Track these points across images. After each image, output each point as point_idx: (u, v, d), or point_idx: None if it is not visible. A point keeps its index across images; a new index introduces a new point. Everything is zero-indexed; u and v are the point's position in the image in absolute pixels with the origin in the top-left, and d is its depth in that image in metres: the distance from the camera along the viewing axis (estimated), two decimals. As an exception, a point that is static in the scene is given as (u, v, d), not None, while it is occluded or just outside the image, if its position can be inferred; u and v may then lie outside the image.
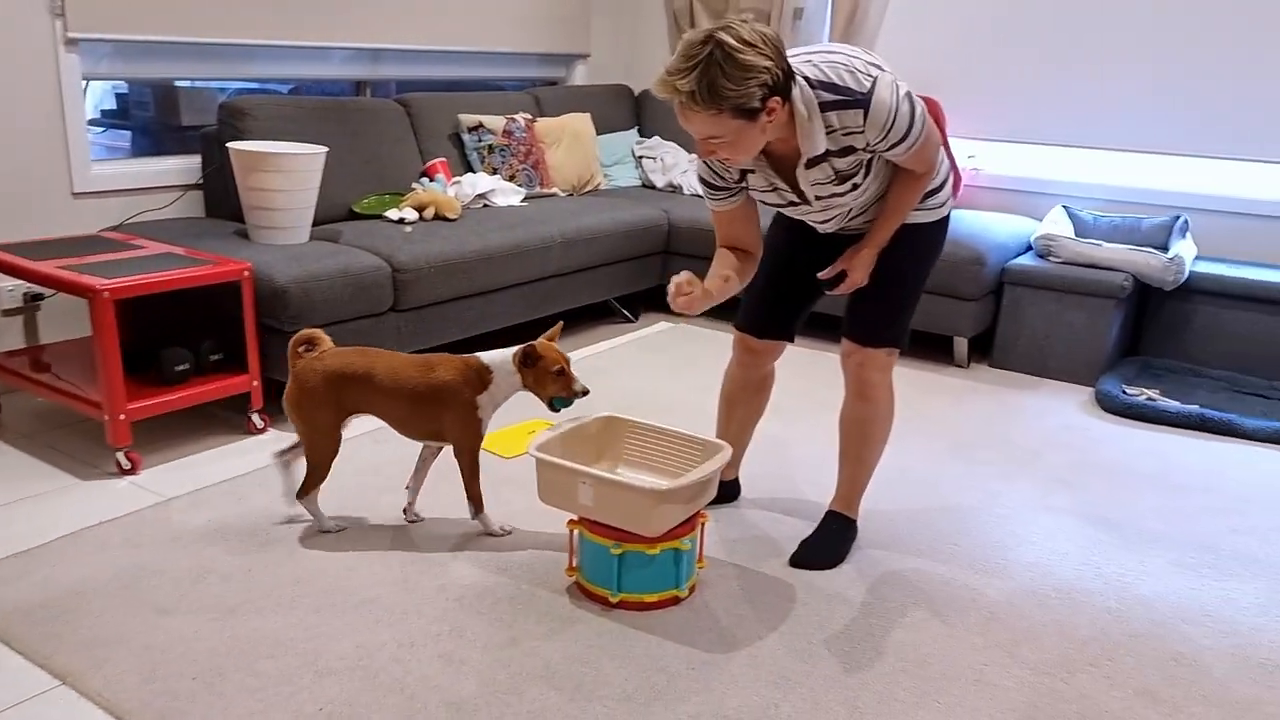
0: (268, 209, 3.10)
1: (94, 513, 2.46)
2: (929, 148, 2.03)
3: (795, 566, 2.35)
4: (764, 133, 1.88)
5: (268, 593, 2.13)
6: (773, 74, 1.79)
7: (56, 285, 2.66)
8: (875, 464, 2.41)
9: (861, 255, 2.17)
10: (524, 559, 2.33)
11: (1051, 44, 4.25)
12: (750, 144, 1.89)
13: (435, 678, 1.88)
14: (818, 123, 1.92)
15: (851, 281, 2.19)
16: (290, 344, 2.34)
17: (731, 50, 1.75)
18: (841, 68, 1.92)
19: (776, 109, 1.84)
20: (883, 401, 2.32)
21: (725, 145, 1.88)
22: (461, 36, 4.50)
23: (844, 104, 1.91)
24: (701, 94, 1.77)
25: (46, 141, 3.19)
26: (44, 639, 1.94)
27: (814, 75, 1.91)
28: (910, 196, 2.10)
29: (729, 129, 1.83)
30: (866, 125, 1.91)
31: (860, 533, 2.49)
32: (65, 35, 3.17)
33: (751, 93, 1.77)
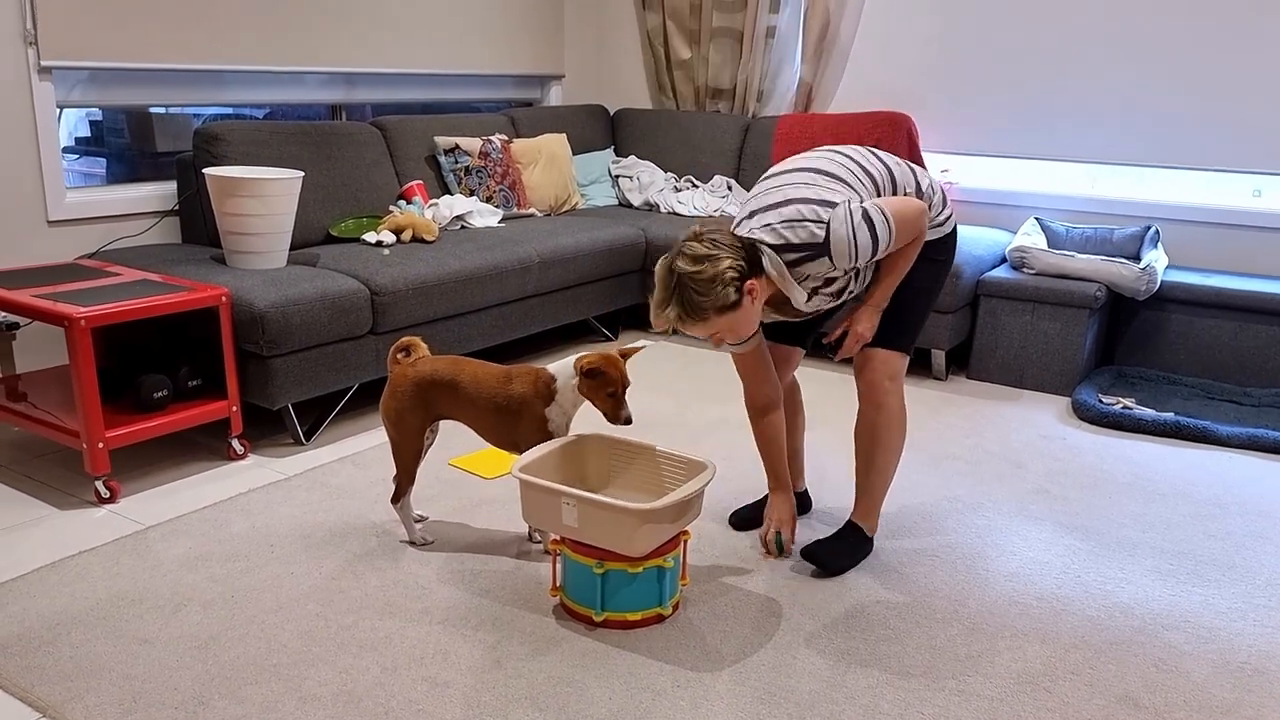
0: (244, 234, 3.09)
1: (73, 542, 2.44)
2: (908, 232, 2.13)
3: (805, 557, 2.42)
4: (754, 307, 2.08)
5: (250, 620, 2.12)
6: (736, 268, 2.01)
7: (32, 314, 2.64)
8: (891, 473, 2.44)
9: (864, 315, 2.28)
10: (507, 580, 2.33)
11: (1022, 59, 4.32)
12: (748, 323, 2.10)
13: (420, 701, 1.87)
14: (791, 280, 2.11)
15: (856, 335, 2.28)
16: (390, 351, 2.44)
17: (691, 276, 2.01)
18: (795, 225, 2.08)
19: (755, 288, 2.05)
20: (894, 409, 2.38)
21: (728, 333, 2.11)
22: (436, 59, 4.52)
23: (807, 258, 2.09)
24: (687, 314, 2.04)
25: (21, 170, 3.18)
26: (23, 671, 1.92)
27: (774, 241, 2.09)
28: (903, 257, 2.21)
29: (722, 324, 2.07)
30: (835, 264, 2.08)
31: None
32: (38, 63, 3.16)
33: (723, 294, 2.01)
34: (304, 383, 2.99)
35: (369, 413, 3.39)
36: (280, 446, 3.09)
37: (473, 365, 2.39)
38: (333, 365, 3.08)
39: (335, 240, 3.69)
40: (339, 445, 3.11)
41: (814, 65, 4.72)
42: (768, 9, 4.69)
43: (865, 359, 2.36)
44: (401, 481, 2.44)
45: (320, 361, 3.03)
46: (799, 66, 4.77)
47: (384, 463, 2.94)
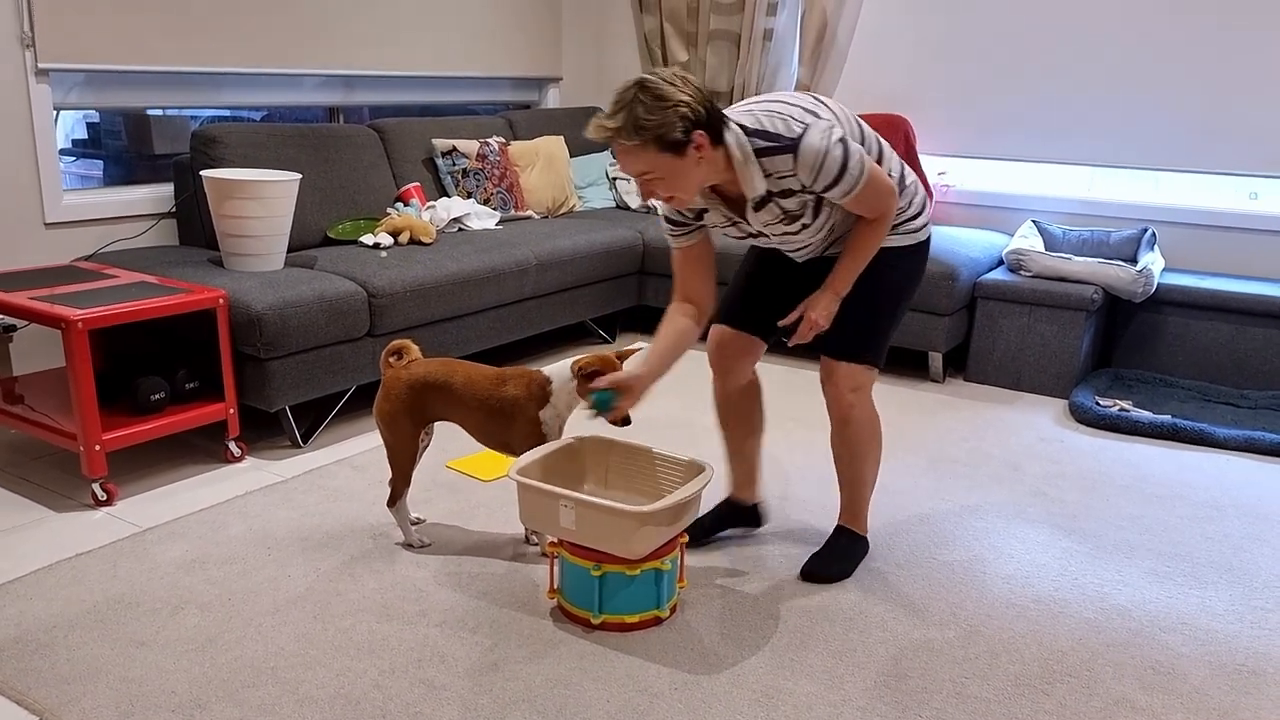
0: (242, 236, 3.09)
1: (69, 545, 2.44)
2: (874, 196, 2.07)
3: (805, 579, 2.37)
4: (697, 168, 1.97)
5: (247, 622, 2.12)
6: (692, 109, 1.92)
7: (29, 316, 2.64)
8: (872, 479, 2.43)
9: (820, 300, 2.20)
10: (505, 583, 2.33)
11: (1019, 62, 4.32)
12: (685, 181, 1.98)
13: (417, 704, 1.87)
14: (754, 166, 2.03)
15: (810, 322, 2.20)
16: (382, 354, 2.43)
17: (650, 86, 1.91)
18: (776, 116, 2.03)
19: (704, 145, 1.95)
20: (864, 422, 2.33)
21: (661, 183, 1.98)
22: (434, 61, 4.52)
23: (775, 149, 2.01)
24: (626, 128, 1.91)
25: (18, 172, 3.18)
26: (19, 674, 1.92)
27: (750, 124, 2.03)
28: (868, 241, 2.14)
29: (659, 164, 1.94)
30: (797, 168, 2.01)
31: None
32: (36, 66, 3.16)
33: (671, 123, 1.90)
34: (301, 385, 2.99)
35: (366, 415, 3.39)
36: (278, 449, 3.08)
37: (466, 367, 2.39)
38: (330, 367, 3.07)
39: (333, 242, 3.69)
40: (336, 448, 3.11)
41: (811, 68, 4.72)
42: (765, 12, 4.70)
43: (828, 372, 2.31)
44: (397, 484, 2.43)
45: (318, 364, 3.03)
46: (796, 69, 4.77)
47: (381, 465, 2.94)
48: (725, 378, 2.44)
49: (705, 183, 2.04)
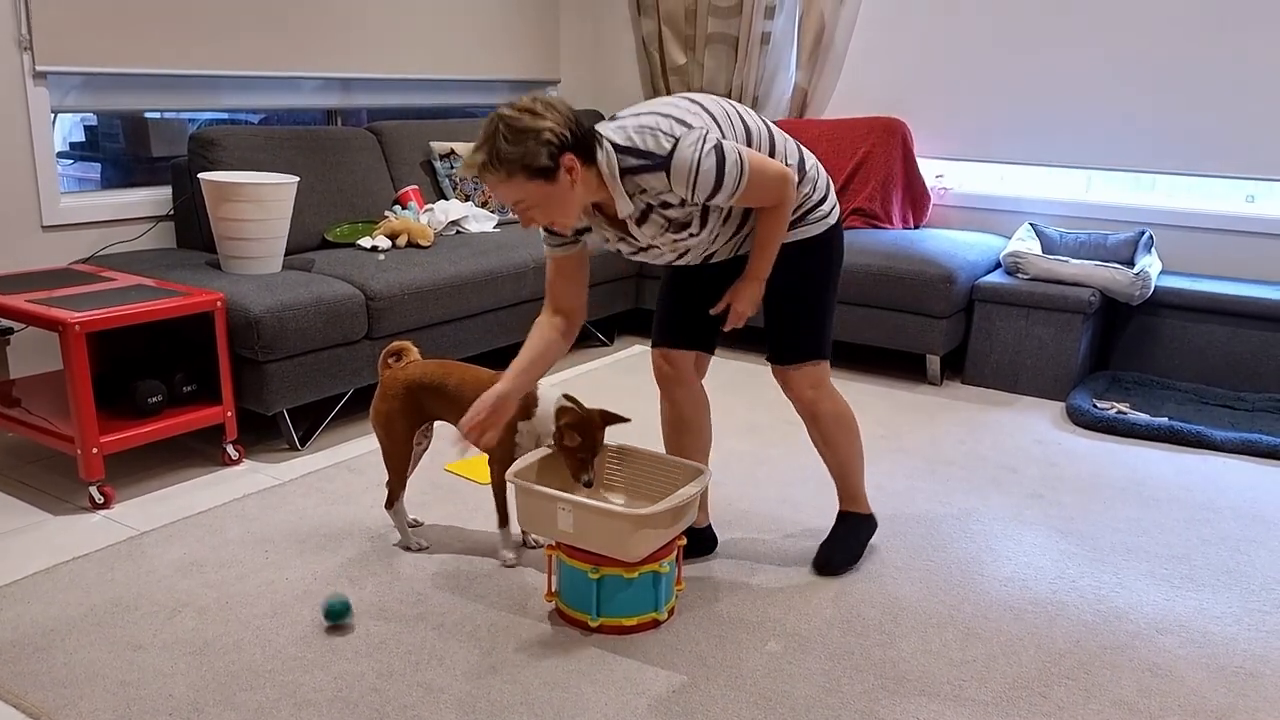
0: (240, 239, 3.09)
1: (67, 548, 2.44)
2: (763, 188, 2.02)
3: (819, 572, 2.39)
4: (572, 191, 1.93)
5: (245, 625, 2.12)
6: (555, 133, 1.87)
7: (27, 319, 2.64)
8: (855, 460, 2.43)
9: (743, 288, 2.17)
10: (502, 585, 2.32)
11: (1017, 65, 4.33)
12: (561, 205, 1.94)
13: (415, 707, 1.87)
14: (619, 186, 1.97)
15: (736, 314, 2.18)
16: (381, 355, 2.43)
17: (508, 119, 1.87)
18: (646, 131, 1.95)
19: (575, 167, 1.90)
20: (832, 414, 2.35)
21: (537, 210, 1.94)
22: (432, 64, 4.52)
23: (645, 168, 1.95)
24: (491, 162, 1.88)
25: (15, 175, 3.17)
26: (17, 677, 1.91)
27: (620, 141, 1.96)
28: (773, 226, 2.10)
29: (530, 192, 1.90)
30: (671, 184, 1.96)
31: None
32: (33, 68, 3.16)
33: (534, 151, 1.86)
34: (299, 388, 2.99)
35: (364, 418, 3.39)
36: (275, 452, 3.08)
37: (460, 369, 2.39)
38: (328, 370, 3.07)
39: (331, 245, 3.69)
40: (334, 450, 3.11)
41: (809, 71, 4.73)
42: (763, 15, 4.70)
43: (782, 379, 2.32)
44: (393, 486, 2.44)
45: (315, 367, 3.03)
46: (794, 72, 4.78)
47: (379, 468, 2.94)
48: (673, 398, 2.41)
49: (584, 203, 2.00)
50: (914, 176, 4.43)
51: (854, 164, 4.41)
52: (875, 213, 4.35)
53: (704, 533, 2.51)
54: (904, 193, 4.42)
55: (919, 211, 4.47)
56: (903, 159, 4.40)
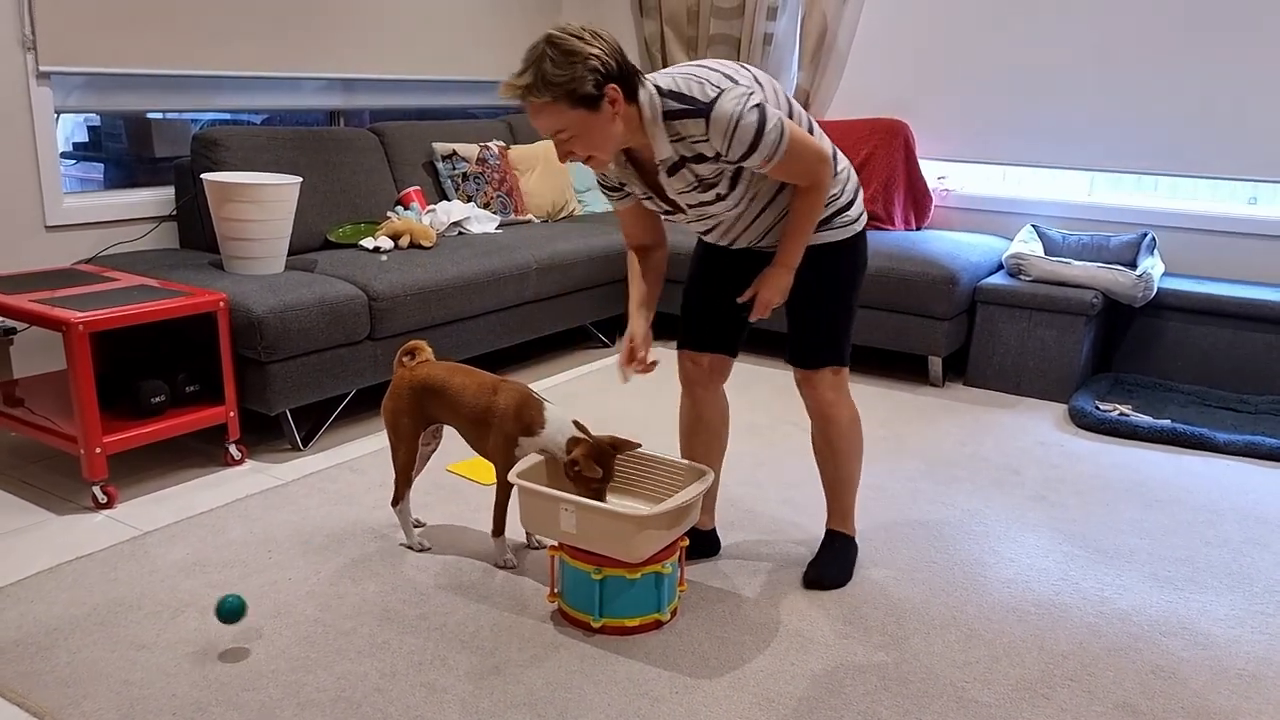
0: (243, 239, 3.09)
1: (70, 547, 2.44)
2: (799, 160, 1.99)
3: (809, 588, 2.36)
4: (612, 125, 1.90)
5: (247, 625, 2.12)
6: (603, 61, 1.85)
7: (30, 319, 2.64)
8: (855, 477, 2.43)
9: (771, 275, 2.14)
10: (505, 586, 2.32)
11: (1019, 66, 4.33)
12: (601, 138, 1.91)
13: (418, 707, 1.87)
14: (661, 128, 1.95)
15: (763, 301, 2.14)
16: (397, 354, 2.45)
17: (557, 40, 1.84)
18: (693, 79, 1.94)
19: (618, 99, 1.88)
20: (843, 419, 2.34)
21: (577, 141, 1.91)
22: (433, 65, 4.52)
23: (687, 113, 1.93)
24: (536, 84, 1.84)
25: (18, 175, 3.18)
26: (20, 677, 1.91)
27: (665, 85, 1.95)
28: (806, 211, 2.07)
29: (571, 120, 1.87)
30: (710, 133, 1.93)
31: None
32: (37, 69, 3.16)
33: (581, 77, 1.83)
34: (302, 388, 2.99)
35: (366, 418, 3.39)
36: (278, 452, 3.08)
37: (465, 372, 2.39)
38: (330, 371, 3.07)
39: (333, 246, 3.69)
40: (337, 451, 3.11)
41: (811, 72, 4.73)
42: (765, 16, 4.71)
43: (804, 380, 2.31)
44: (399, 484, 2.44)
45: (318, 367, 3.03)
46: (796, 74, 4.78)
47: (381, 468, 2.94)
48: (695, 398, 2.42)
49: (622, 143, 1.96)
50: (916, 178, 4.43)
51: (856, 165, 4.41)
52: (877, 214, 4.35)
53: (708, 535, 2.50)
54: (906, 194, 4.42)
55: (921, 213, 4.47)
56: (905, 160, 4.40)
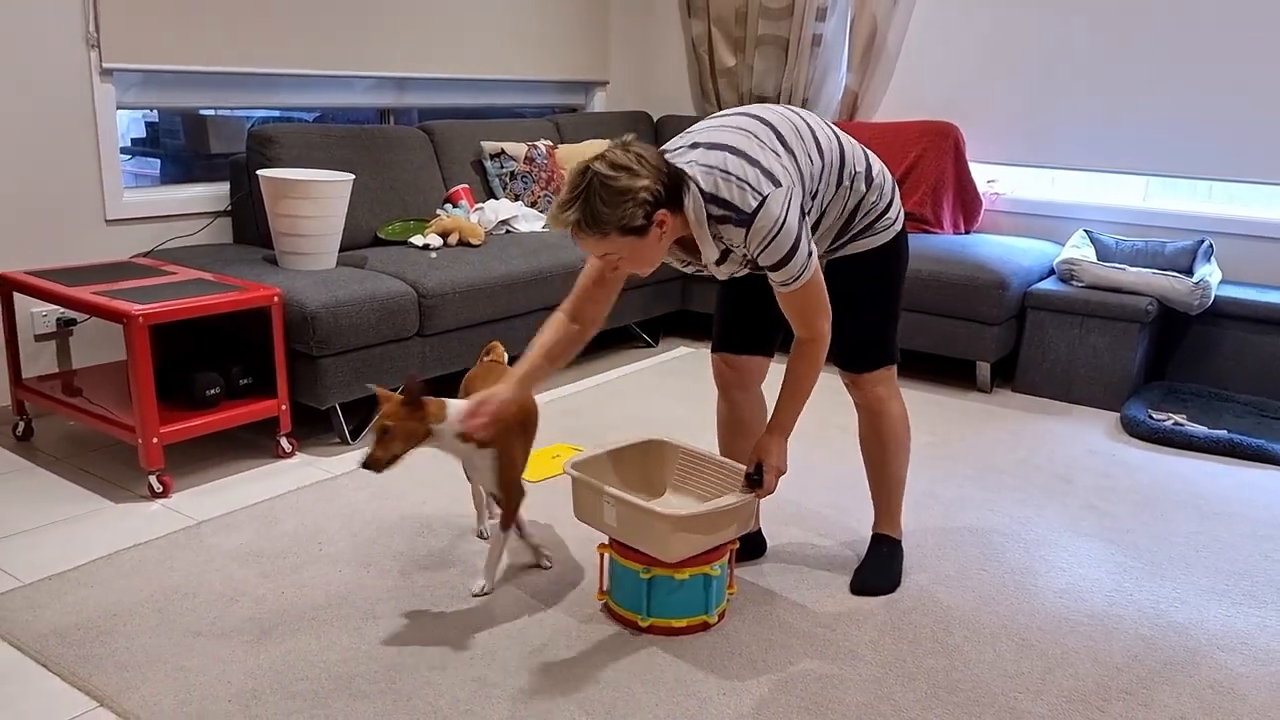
0: (296, 235, 3.13)
1: (127, 535, 2.48)
2: (806, 304, 1.99)
3: (857, 594, 2.34)
4: (660, 243, 1.92)
5: (300, 615, 2.14)
6: (651, 191, 1.83)
7: (92, 310, 2.69)
8: (902, 477, 2.41)
9: (772, 446, 2.11)
10: (553, 583, 2.33)
11: (1072, 67, 4.27)
12: (649, 256, 1.93)
13: (467, 701, 1.88)
14: (706, 231, 1.95)
15: (771, 475, 2.10)
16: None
17: (605, 179, 1.82)
18: (734, 181, 1.90)
19: (667, 220, 1.88)
20: (893, 414, 2.34)
21: (624, 261, 1.93)
22: (483, 65, 4.55)
23: (728, 220, 1.92)
24: (585, 222, 1.84)
25: (81, 170, 3.24)
26: (80, 661, 1.95)
27: (708, 188, 1.91)
28: (806, 373, 2.06)
29: (621, 246, 1.88)
30: (747, 241, 1.93)
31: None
32: (100, 66, 3.23)
33: (631, 213, 1.83)
34: (352, 383, 3.02)
35: (414, 414, 3.42)
36: (327, 446, 3.12)
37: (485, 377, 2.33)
38: (379, 366, 3.10)
39: (383, 243, 3.72)
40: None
41: (860, 74, 4.70)
42: (814, 17, 4.68)
43: (852, 381, 2.31)
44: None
45: (368, 362, 3.06)
46: (845, 75, 4.75)
47: (430, 464, 2.96)
48: (732, 399, 2.41)
49: (667, 250, 2.00)
50: (965, 181, 4.39)
51: (905, 168, 4.37)
52: (926, 217, 4.31)
53: (754, 537, 2.50)
54: (955, 197, 4.38)
55: (970, 217, 4.43)
56: (954, 163, 4.35)
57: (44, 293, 2.82)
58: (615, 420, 3.43)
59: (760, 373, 2.40)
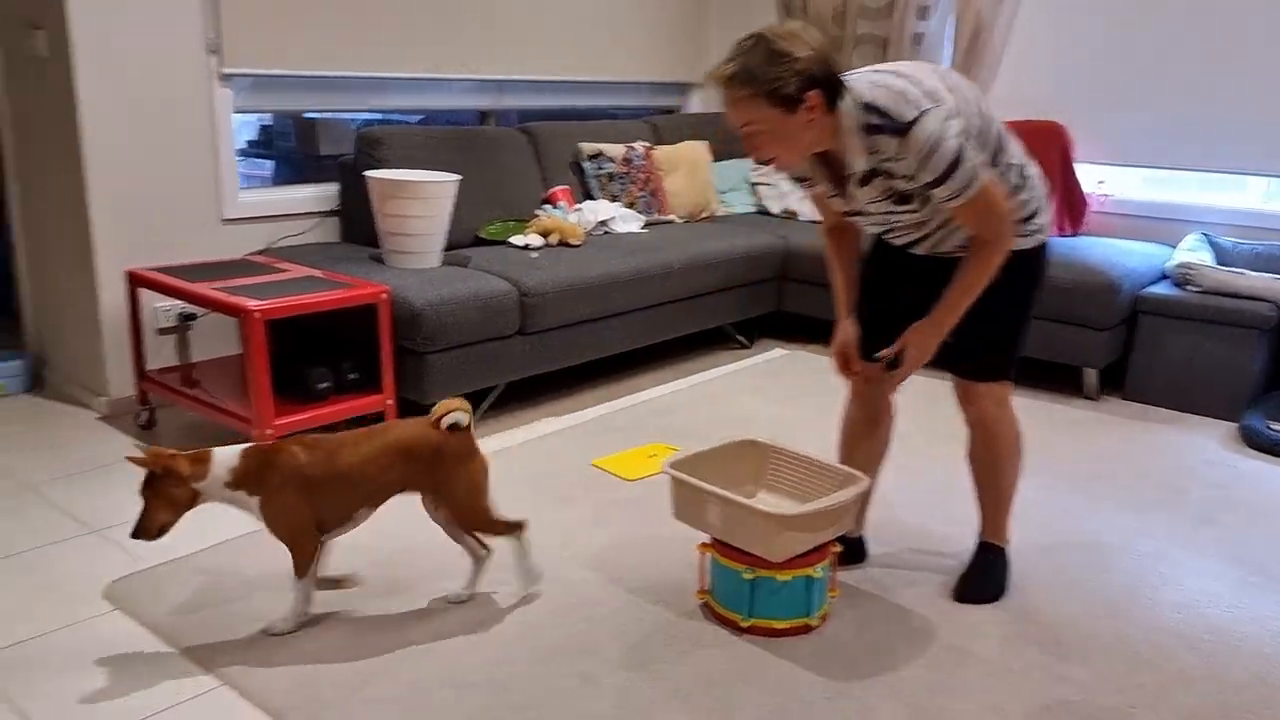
0: (403, 234, 3.21)
1: (243, 523, 2.57)
2: (984, 212, 1.93)
3: (961, 602, 2.30)
4: (806, 130, 1.88)
5: (406, 605, 2.20)
6: (809, 66, 1.82)
7: (212, 306, 2.80)
8: (1013, 490, 2.34)
9: (922, 332, 2.06)
10: (652, 581, 2.34)
11: (1185, 64, 4.11)
12: (790, 141, 1.89)
13: (571, 694, 1.90)
14: (857, 140, 1.91)
15: (910, 363, 2.07)
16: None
17: (770, 39, 1.83)
18: (896, 93, 1.88)
19: (817, 105, 1.85)
20: (1006, 435, 2.25)
21: (764, 137, 1.89)
22: (581, 67, 4.60)
23: (884, 129, 1.88)
24: (739, 76, 1.85)
25: (199, 172, 3.38)
26: (203, 641, 2.03)
27: (867, 96, 1.89)
28: (979, 269, 1.99)
29: (764, 117, 1.86)
30: (906, 153, 1.88)
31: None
32: (219, 71, 3.36)
33: (784, 80, 1.82)
34: (454, 379, 3.09)
35: (513, 411, 3.47)
36: (429, 440, 3.18)
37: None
38: (481, 363, 3.16)
39: (483, 242, 3.79)
40: (484, 441, 3.17)
41: (963, 72, 4.60)
42: (915, 15, 4.61)
43: (967, 392, 2.24)
44: None
45: (470, 360, 3.12)
46: (947, 74, 4.66)
47: (527, 461, 3.00)
48: (861, 404, 2.37)
49: (811, 149, 1.94)
50: (1072, 182, 4.26)
51: (1009, 168, 4.27)
52: (1031, 219, 4.20)
53: (856, 543, 2.47)
54: (1062, 199, 4.26)
55: (1076, 219, 4.30)
56: (1061, 164, 4.23)
57: (169, 288, 2.94)
58: (708, 420, 3.43)
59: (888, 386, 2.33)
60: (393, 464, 2.07)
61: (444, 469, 2.09)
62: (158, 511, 1.95)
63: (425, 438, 2.08)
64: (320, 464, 2.02)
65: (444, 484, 2.10)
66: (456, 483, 2.11)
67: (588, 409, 3.53)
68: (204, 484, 1.96)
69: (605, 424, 3.36)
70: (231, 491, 1.99)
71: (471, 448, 2.13)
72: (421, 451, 2.08)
